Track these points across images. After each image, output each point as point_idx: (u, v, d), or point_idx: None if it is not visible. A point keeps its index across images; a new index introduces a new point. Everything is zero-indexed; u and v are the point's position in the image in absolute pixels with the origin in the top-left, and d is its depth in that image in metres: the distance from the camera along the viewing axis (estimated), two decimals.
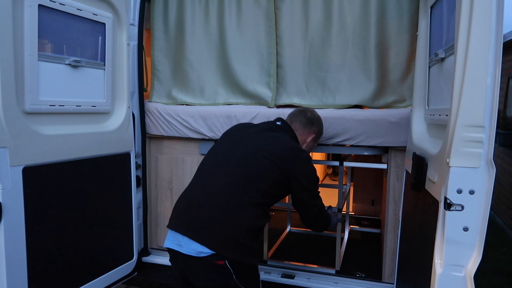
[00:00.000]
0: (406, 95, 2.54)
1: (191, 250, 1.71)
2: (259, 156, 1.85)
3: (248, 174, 1.82)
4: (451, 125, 1.36)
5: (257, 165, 1.83)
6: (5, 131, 1.74)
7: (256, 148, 1.88)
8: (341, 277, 2.67)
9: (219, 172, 1.86)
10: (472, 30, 1.29)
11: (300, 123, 2.17)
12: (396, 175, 2.52)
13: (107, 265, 2.38)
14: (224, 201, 1.77)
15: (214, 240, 1.71)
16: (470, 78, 1.30)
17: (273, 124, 2.10)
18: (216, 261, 1.70)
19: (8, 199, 1.77)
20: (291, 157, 1.87)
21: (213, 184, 1.84)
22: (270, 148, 1.87)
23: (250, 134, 1.99)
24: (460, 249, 1.33)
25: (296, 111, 2.24)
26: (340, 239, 2.71)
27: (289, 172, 1.85)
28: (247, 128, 2.06)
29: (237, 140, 1.99)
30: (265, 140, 1.93)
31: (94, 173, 2.26)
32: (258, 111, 2.69)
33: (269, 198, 1.84)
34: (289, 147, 1.91)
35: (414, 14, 2.44)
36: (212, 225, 1.73)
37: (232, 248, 1.72)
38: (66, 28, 2.09)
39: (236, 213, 1.75)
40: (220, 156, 1.95)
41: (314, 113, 2.25)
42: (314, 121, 2.21)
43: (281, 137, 1.99)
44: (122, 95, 2.49)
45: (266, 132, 2.01)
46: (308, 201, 1.96)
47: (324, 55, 2.66)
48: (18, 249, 1.82)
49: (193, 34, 2.90)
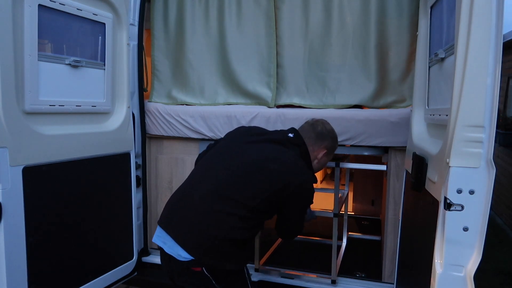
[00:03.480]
0: (406, 95, 2.54)
1: (173, 251, 1.69)
2: (255, 170, 1.73)
3: (238, 186, 1.72)
4: (451, 125, 1.36)
5: (250, 180, 1.72)
6: (5, 131, 1.74)
7: (255, 160, 1.76)
8: (341, 277, 2.67)
9: (210, 176, 1.79)
10: (472, 30, 1.29)
11: (309, 139, 1.95)
12: (396, 175, 2.52)
13: (107, 265, 2.38)
14: (208, 207, 1.70)
15: (194, 245, 1.67)
16: (470, 78, 1.30)
17: (284, 136, 1.90)
18: (193, 267, 1.67)
19: (8, 199, 1.77)
20: (290, 178, 1.73)
21: (201, 187, 1.76)
22: (269, 164, 1.74)
23: (254, 143, 1.85)
24: (460, 249, 1.33)
25: (306, 125, 2.03)
26: (336, 247, 2.59)
27: (284, 193, 1.73)
28: (253, 135, 1.92)
29: (238, 146, 1.87)
30: (267, 154, 1.79)
31: (94, 173, 2.26)
32: (258, 111, 2.69)
33: (257, 213, 1.73)
34: (290, 167, 1.76)
35: (414, 14, 2.44)
36: (193, 230, 1.69)
37: (211, 256, 1.66)
38: (66, 28, 2.09)
39: (217, 223, 1.67)
40: (216, 159, 1.86)
41: (326, 125, 2.04)
42: (326, 135, 1.99)
43: (286, 153, 1.81)
44: (122, 95, 2.49)
45: (272, 144, 1.85)
46: (292, 221, 1.87)
47: (324, 55, 2.66)
48: (18, 249, 1.82)
49: (193, 34, 2.90)
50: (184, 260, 1.67)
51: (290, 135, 1.92)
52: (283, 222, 1.89)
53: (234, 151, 1.85)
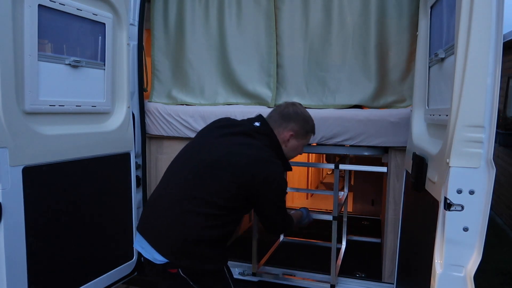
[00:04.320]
0: (406, 95, 2.54)
1: (150, 255, 1.69)
2: (220, 166, 1.69)
3: (204, 184, 1.68)
4: (451, 125, 1.35)
5: (215, 177, 1.67)
6: (5, 131, 1.74)
7: (220, 156, 1.71)
8: (341, 277, 2.67)
9: (178, 176, 1.76)
10: (472, 30, 1.29)
11: (275, 122, 1.88)
12: (396, 175, 2.52)
13: (107, 265, 2.38)
14: (177, 209, 1.68)
15: (167, 248, 1.66)
16: (470, 78, 1.30)
17: (250, 126, 1.83)
18: (170, 269, 1.67)
19: (8, 199, 1.76)
20: (255, 171, 1.67)
21: (171, 189, 1.75)
22: (233, 159, 1.69)
23: (223, 137, 1.80)
24: (460, 249, 1.33)
25: (276, 107, 1.97)
26: (335, 250, 2.55)
27: (251, 187, 1.68)
28: (223, 128, 1.85)
29: (207, 142, 1.82)
30: (232, 148, 1.73)
31: (94, 173, 2.26)
32: (258, 111, 2.66)
33: (228, 210, 1.69)
34: (254, 160, 1.69)
35: (414, 14, 2.44)
36: (165, 233, 1.68)
37: (185, 257, 1.65)
38: (66, 28, 2.09)
39: (187, 224, 1.65)
40: (184, 159, 1.83)
41: (296, 107, 1.92)
42: (292, 117, 1.88)
43: (252, 145, 1.75)
44: (122, 95, 2.48)
45: (240, 136, 1.79)
46: (270, 214, 1.81)
47: (324, 55, 2.66)
48: (18, 249, 1.82)
49: (193, 34, 2.89)
50: (161, 262, 1.66)
51: (256, 124, 1.84)
52: (261, 217, 1.83)
53: (202, 148, 1.81)
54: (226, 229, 1.73)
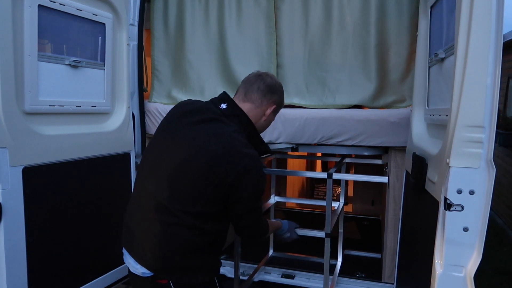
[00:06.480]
0: (406, 95, 2.54)
1: (136, 270, 1.63)
2: (191, 168, 1.53)
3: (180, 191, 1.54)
4: (451, 125, 1.35)
5: (189, 181, 1.53)
6: (5, 131, 1.74)
7: (190, 155, 1.54)
8: (341, 277, 2.67)
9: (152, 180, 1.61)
10: (472, 30, 1.29)
11: (258, 92, 1.71)
12: (396, 175, 2.52)
13: (107, 265, 2.38)
14: (157, 221, 1.56)
15: (152, 262, 1.58)
16: (470, 78, 1.30)
17: (216, 110, 1.66)
18: (159, 280, 1.59)
19: (8, 199, 1.76)
20: (229, 167, 1.50)
21: (146, 196, 1.61)
22: (205, 157, 1.52)
23: (187, 129, 1.61)
24: (460, 249, 1.33)
25: (252, 76, 1.78)
26: (328, 270, 2.26)
27: (224, 188, 1.52)
28: (185, 116, 1.65)
29: (173, 137, 1.63)
30: (201, 143, 1.55)
31: (94, 173, 2.26)
32: None
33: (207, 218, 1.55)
34: (229, 153, 1.51)
35: (414, 14, 2.44)
36: (146, 246, 1.59)
37: (172, 271, 1.57)
38: (66, 28, 2.09)
39: (166, 236, 1.55)
40: (155, 156, 1.65)
41: (275, 78, 1.81)
42: (276, 89, 1.77)
43: (221, 135, 1.56)
44: (122, 95, 2.48)
45: (206, 124, 1.60)
46: (242, 214, 1.62)
47: (324, 55, 2.66)
48: (18, 249, 1.82)
49: (193, 34, 2.90)
50: (149, 275, 1.59)
51: (222, 106, 1.67)
52: (233, 217, 1.64)
53: (170, 145, 1.62)
54: (211, 238, 1.60)
